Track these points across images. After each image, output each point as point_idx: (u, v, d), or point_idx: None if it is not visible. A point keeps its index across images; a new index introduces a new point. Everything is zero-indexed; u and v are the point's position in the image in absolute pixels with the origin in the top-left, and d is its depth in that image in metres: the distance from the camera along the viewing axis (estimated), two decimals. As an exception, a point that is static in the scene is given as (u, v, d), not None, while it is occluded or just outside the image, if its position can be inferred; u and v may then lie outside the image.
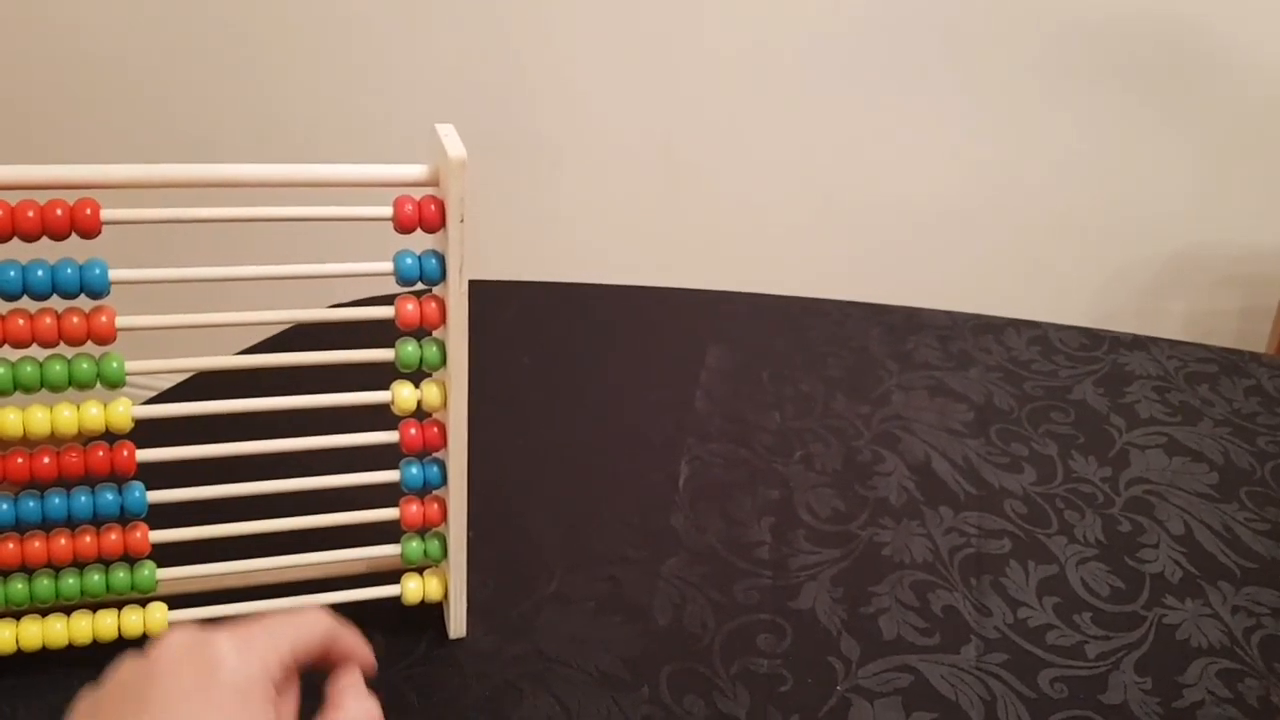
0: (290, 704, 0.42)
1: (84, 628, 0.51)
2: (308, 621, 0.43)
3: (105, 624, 0.51)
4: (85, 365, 0.46)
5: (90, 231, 0.45)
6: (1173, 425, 0.80)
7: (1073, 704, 0.56)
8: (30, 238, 0.44)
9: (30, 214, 0.44)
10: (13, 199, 0.44)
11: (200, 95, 1.47)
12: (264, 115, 1.48)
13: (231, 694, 0.39)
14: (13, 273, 0.44)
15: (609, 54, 1.40)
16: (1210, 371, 0.86)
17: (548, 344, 0.84)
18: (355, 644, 0.44)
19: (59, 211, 0.44)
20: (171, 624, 0.40)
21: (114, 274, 0.45)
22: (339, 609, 0.54)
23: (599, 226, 1.50)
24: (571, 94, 1.43)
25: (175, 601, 0.53)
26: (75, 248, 0.45)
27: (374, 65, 1.43)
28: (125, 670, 0.40)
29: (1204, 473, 0.75)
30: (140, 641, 0.52)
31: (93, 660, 0.52)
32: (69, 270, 0.45)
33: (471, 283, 0.49)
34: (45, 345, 0.45)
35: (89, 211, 0.44)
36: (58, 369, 0.45)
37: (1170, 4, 1.29)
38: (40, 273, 0.44)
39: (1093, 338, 0.90)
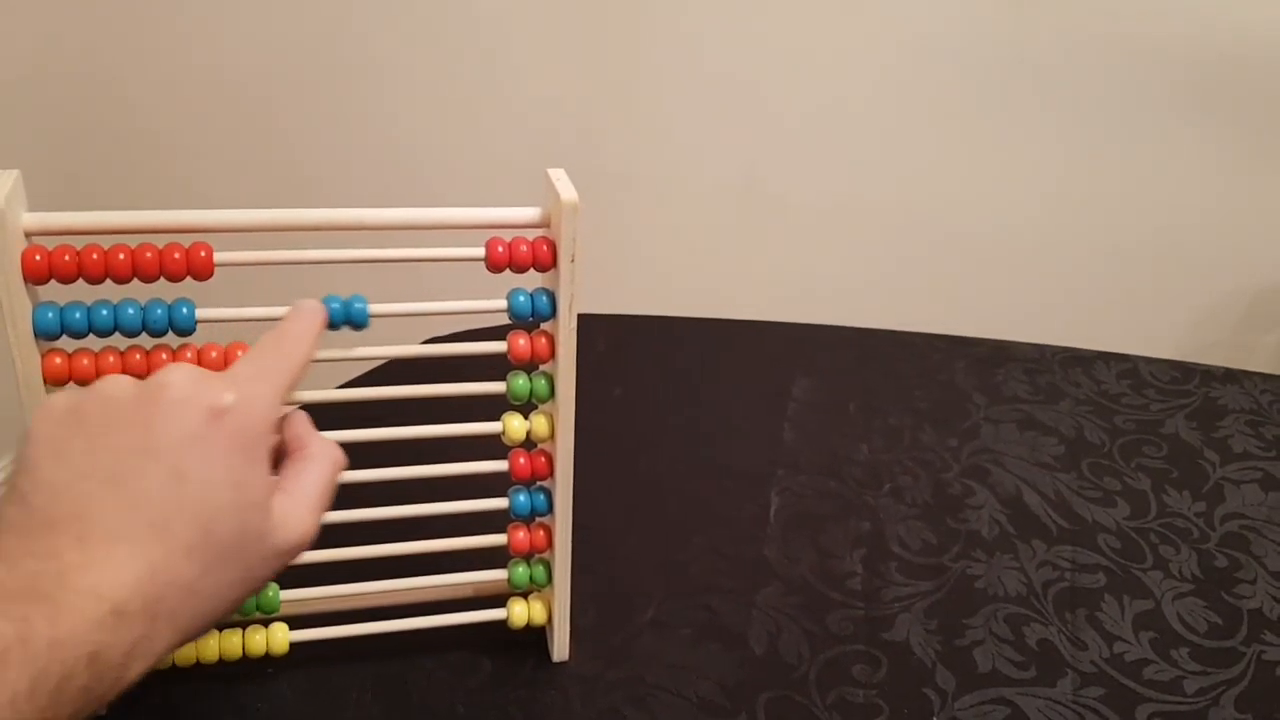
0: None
1: (211, 646, 0.53)
2: (293, 354, 0.42)
3: (231, 643, 0.54)
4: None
5: (204, 273, 0.47)
6: (1268, 460, 0.79)
7: (1172, 739, 0.57)
8: (149, 279, 0.47)
9: (148, 256, 0.46)
10: (133, 242, 0.46)
11: (306, 141, 1.52)
12: (366, 160, 1.52)
13: (237, 444, 0.38)
14: (131, 311, 0.46)
15: (695, 92, 1.42)
16: (1306, 406, 0.85)
17: (638, 376, 0.86)
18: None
19: (176, 255, 0.47)
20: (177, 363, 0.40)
21: (211, 313, 0.48)
22: (449, 631, 0.57)
23: (687, 260, 1.52)
24: (657, 131, 1.45)
25: (295, 622, 0.55)
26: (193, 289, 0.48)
27: (466, 112, 1.47)
28: (119, 391, 0.39)
29: (1301, 509, 0.74)
30: (263, 661, 0.55)
31: (218, 677, 0.55)
32: (184, 310, 0.47)
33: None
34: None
35: (203, 254, 0.47)
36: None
37: (1267, 35, 1.28)
38: (159, 311, 0.47)
39: (1184, 371, 0.90)
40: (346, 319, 0.48)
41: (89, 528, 0.36)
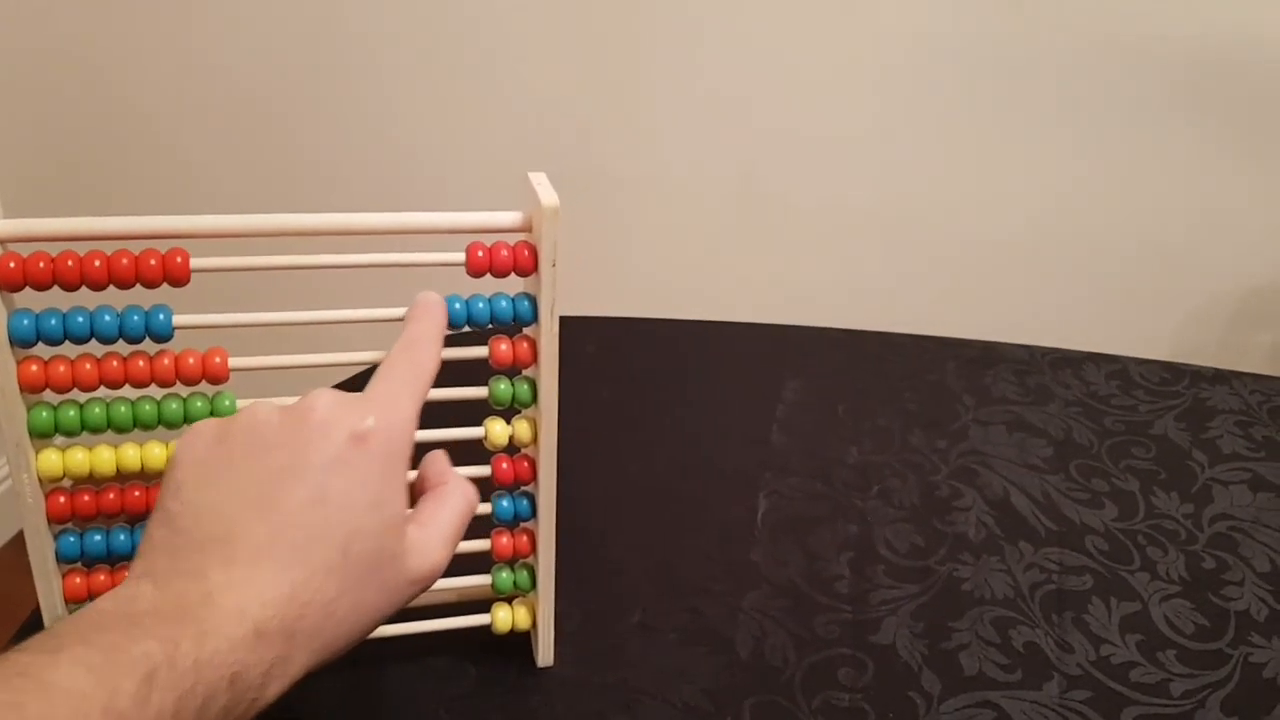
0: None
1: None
2: (424, 361, 0.44)
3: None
4: (199, 403, 0.48)
5: (180, 279, 0.47)
6: (1256, 461, 0.79)
7: (1158, 743, 0.56)
8: (125, 285, 0.46)
9: (124, 262, 0.46)
10: (109, 249, 0.46)
11: (297, 143, 1.51)
12: (359, 162, 1.52)
13: (377, 467, 0.39)
14: (108, 317, 0.46)
15: (691, 93, 1.42)
16: (1295, 406, 0.85)
17: (626, 378, 0.86)
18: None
19: (152, 261, 0.46)
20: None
21: (189, 319, 0.47)
22: (432, 637, 0.57)
23: (676, 262, 1.52)
24: (652, 133, 1.45)
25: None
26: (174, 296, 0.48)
27: (449, 113, 1.47)
28: (264, 416, 0.40)
29: (1290, 510, 0.74)
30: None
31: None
32: (160, 316, 0.47)
33: (557, 319, 0.51)
34: (162, 385, 0.48)
35: (179, 260, 0.46)
36: (174, 407, 0.48)
37: (1256, 34, 1.27)
38: (135, 317, 0.47)
39: (1173, 372, 0.90)
40: (468, 318, 0.49)
41: (235, 549, 0.36)
